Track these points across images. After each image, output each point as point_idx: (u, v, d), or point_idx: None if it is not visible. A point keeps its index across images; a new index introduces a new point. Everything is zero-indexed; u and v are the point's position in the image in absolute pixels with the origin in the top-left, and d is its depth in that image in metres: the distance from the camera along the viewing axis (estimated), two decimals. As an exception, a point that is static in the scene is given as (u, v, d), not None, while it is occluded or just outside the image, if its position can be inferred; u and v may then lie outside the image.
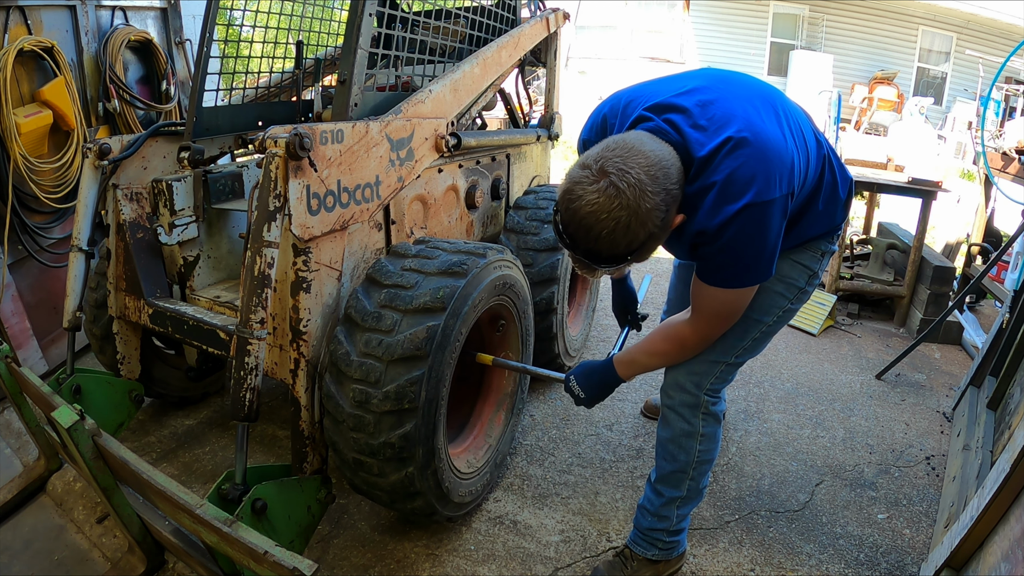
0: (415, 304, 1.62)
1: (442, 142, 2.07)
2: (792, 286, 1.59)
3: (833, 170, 1.51)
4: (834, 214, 1.56)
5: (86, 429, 1.36)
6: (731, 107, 1.31)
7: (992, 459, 1.90)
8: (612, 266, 1.28)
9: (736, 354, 1.61)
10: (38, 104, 2.58)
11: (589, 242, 1.24)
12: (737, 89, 1.38)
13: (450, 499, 1.81)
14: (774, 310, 1.60)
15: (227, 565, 1.36)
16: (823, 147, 1.49)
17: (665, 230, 1.27)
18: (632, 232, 1.20)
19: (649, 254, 1.33)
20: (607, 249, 1.23)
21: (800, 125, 1.41)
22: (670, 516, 1.71)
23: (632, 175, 1.18)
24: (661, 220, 1.23)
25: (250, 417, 1.44)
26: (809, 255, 1.59)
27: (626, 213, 1.18)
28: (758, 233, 1.30)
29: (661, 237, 1.29)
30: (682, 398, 1.62)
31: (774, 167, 1.26)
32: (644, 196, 1.18)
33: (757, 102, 1.35)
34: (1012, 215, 4.13)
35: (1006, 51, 7.78)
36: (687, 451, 1.65)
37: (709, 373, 1.60)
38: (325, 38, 2.93)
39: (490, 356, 2.02)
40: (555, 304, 2.51)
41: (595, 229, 1.21)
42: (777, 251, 1.36)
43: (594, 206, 1.19)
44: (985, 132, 4.18)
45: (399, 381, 1.56)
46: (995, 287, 3.71)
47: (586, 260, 1.28)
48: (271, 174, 1.47)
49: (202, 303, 2.10)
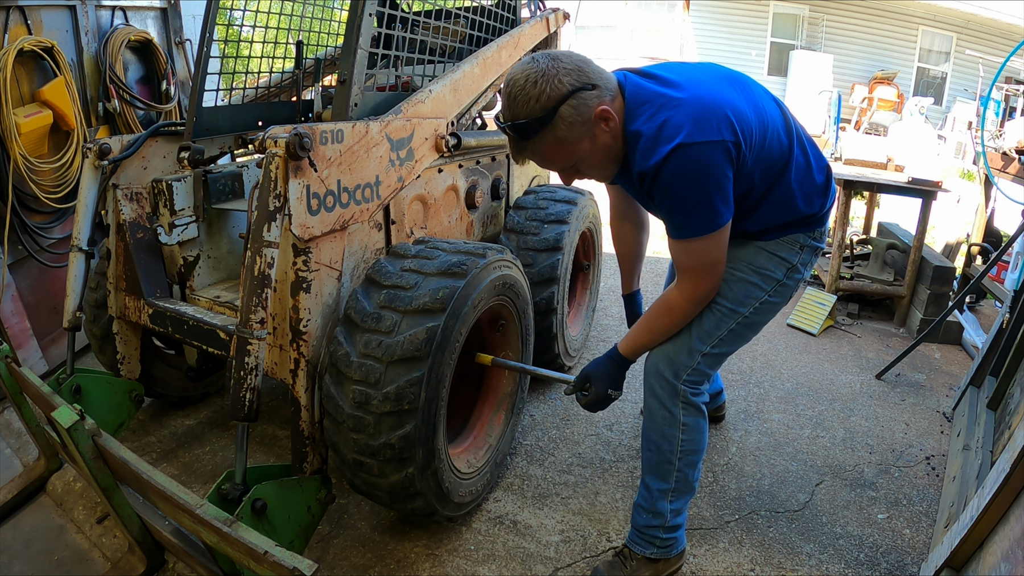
0: (415, 305, 1.62)
1: (442, 142, 2.07)
2: (768, 278, 1.61)
3: (805, 151, 1.56)
4: (811, 199, 1.57)
5: (86, 429, 1.36)
6: (681, 80, 1.44)
7: (992, 459, 1.90)
8: (531, 133, 1.36)
9: (712, 344, 1.62)
10: (38, 104, 2.58)
11: (511, 105, 1.37)
12: (697, 71, 1.51)
13: (450, 499, 1.81)
14: (750, 301, 1.61)
15: (227, 565, 1.36)
16: (792, 125, 1.54)
17: (582, 106, 1.35)
18: (539, 88, 1.33)
19: (570, 140, 1.39)
20: (523, 108, 1.35)
21: (759, 98, 1.49)
22: (663, 511, 1.71)
23: (551, 54, 1.38)
24: (572, 87, 1.34)
25: (250, 417, 1.44)
26: (786, 247, 1.61)
27: (535, 71, 1.34)
28: (696, 173, 1.35)
29: (579, 116, 1.36)
30: (661, 386, 1.65)
31: (709, 115, 1.35)
32: (555, 62, 1.35)
33: (708, 78, 1.47)
34: (1012, 215, 4.13)
35: (1006, 51, 7.78)
36: (670, 440, 1.66)
37: (687, 364, 1.62)
38: (325, 38, 2.93)
39: (489, 356, 2.02)
40: (555, 304, 2.51)
41: (512, 90, 1.37)
42: (727, 197, 1.41)
43: (513, 74, 1.39)
44: (985, 132, 4.18)
45: (399, 382, 1.56)
46: (995, 287, 3.71)
47: (511, 132, 1.39)
48: (271, 174, 1.47)
49: (202, 303, 2.10)
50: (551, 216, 2.58)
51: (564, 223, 2.56)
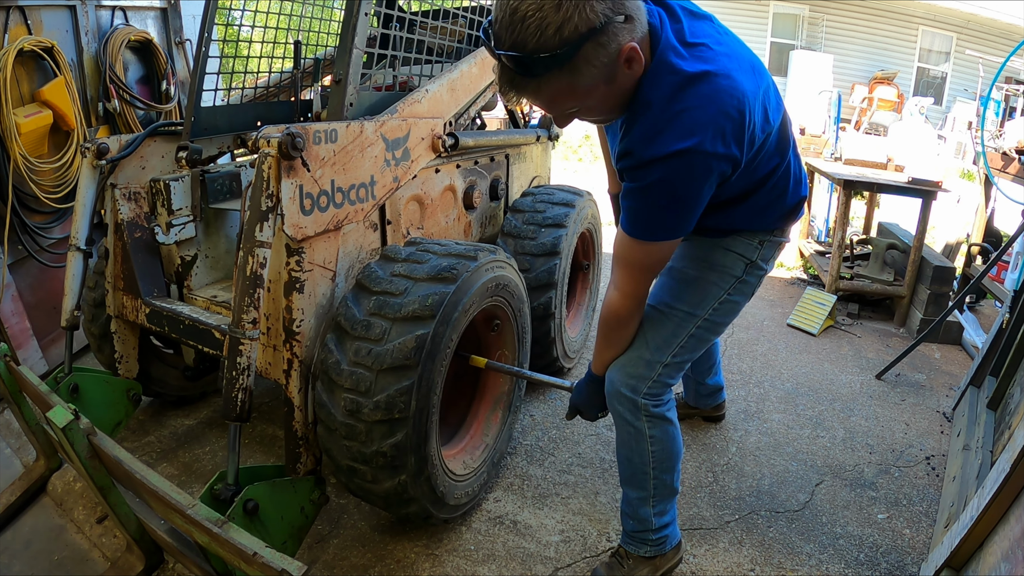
0: (404, 312, 1.60)
1: (439, 142, 2.06)
2: (726, 275, 1.52)
3: (788, 174, 1.46)
4: (772, 220, 1.50)
5: (81, 428, 1.36)
6: (723, 52, 1.22)
7: (992, 459, 1.90)
8: (538, 72, 1.03)
9: (672, 353, 1.53)
10: (38, 104, 2.58)
11: (514, 26, 1.01)
12: (743, 57, 1.29)
13: (445, 503, 1.81)
14: (708, 301, 1.52)
15: (220, 565, 1.36)
16: (790, 141, 1.44)
17: (610, 42, 1.05)
18: (564, 13, 0.98)
19: (585, 83, 1.09)
20: (533, 35, 1.00)
21: (774, 103, 1.35)
22: (646, 517, 1.68)
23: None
24: (604, 20, 1.02)
25: (242, 417, 1.44)
26: (743, 242, 1.52)
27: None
28: (684, 183, 1.18)
29: (604, 54, 1.06)
30: (620, 402, 1.57)
31: (733, 116, 1.16)
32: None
33: (748, 65, 1.27)
34: (1012, 215, 4.11)
35: (1006, 51, 7.75)
36: (640, 453, 1.61)
37: (646, 376, 1.53)
38: (324, 38, 2.93)
39: (483, 359, 2.01)
40: (553, 309, 2.50)
41: (521, 7, 1.00)
42: (700, 209, 1.25)
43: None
44: (985, 132, 4.17)
45: (389, 391, 1.55)
46: (995, 287, 3.70)
47: (510, 65, 1.04)
48: (264, 174, 1.47)
49: (199, 303, 2.10)
50: (548, 220, 2.54)
51: (562, 227, 2.54)
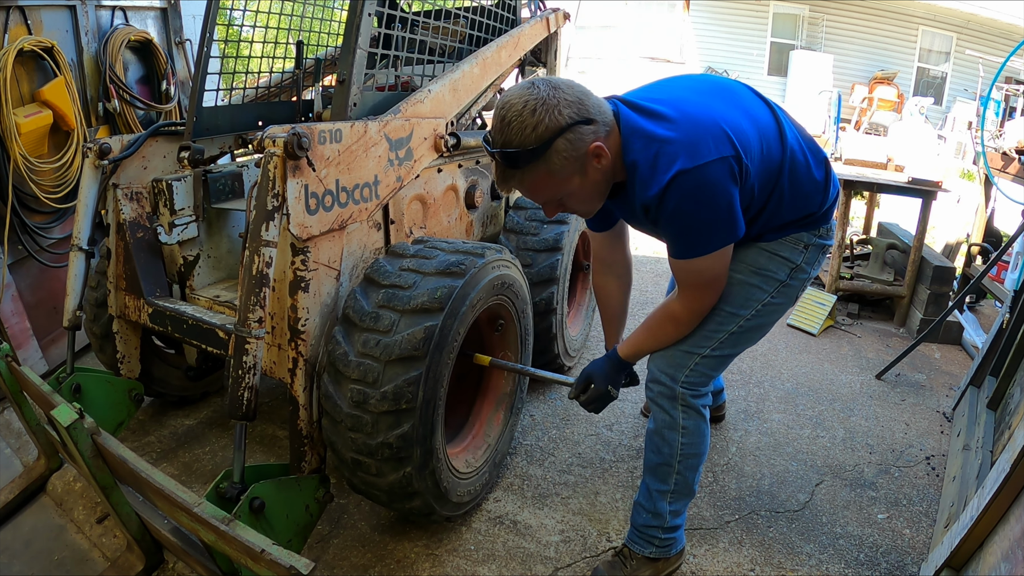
0: (413, 304, 1.62)
1: (441, 142, 2.07)
2: (770, 279, 1.58)
3: (802, 148, 1.52)
4: (810, 197, 1.54)
5: (85, 428, 1.36)
6: (670, 97, 1.42)
7: (992, 459, 1.90)
8: (523, 163, 1.31)
9: (711, 346, 1.60)
10: (38, 104, 2.58)
11: (502, 130, 1.31)
12: (682, 84, 1.51)
13: (448, 499, 1.81)
14: (751, 303, 1.59)
15: (225, 564, 1.36)
16: (784, 126, 1.49)
17: (577, 140, 1.31)
18: (537, 117, 1.27)
19: (561, 174, 1.34)
20: (516, 135, 1.29)
21: (749, 104, 1.46)
22: (662, 512, 1.71)
23: (551, 82, 1.32)
24: (570, 119, 1.29)
25: (248, 416, 1.44)
26: (788, 246, 1.58)
27: (534, 99, 1.28)
28: (699, 197, 1.33)
29: (573, 150, 1.31)
30: (659, 389, 1.65)
31: (702, 134, 1.32)
32: (555, 91, 1.29)
33: (695, 92, 1.46)
34: (1012, 215, 4.12)
35: (1006, 51, 7.77)
36: (670, 443, 1.66)
37: (684, 365, 1.61)
38: (325, 38, 2.94)
39: (487, 357, 2.02)
40: (555, 304, 2.51)
41: (507, 115, 1.30)
42: (733, 215, 1.37)
43: (510, 96, 1.32)
44: (985, 132, 4.18)
45: (397, 381, 1.56)
46: (995, 287, 3.71)
47: (501, 160, 1.33)
48: (269, 174, 1.47)
49: (202, 302, 2.11)
50: None
51: (564, 223, 2.56)
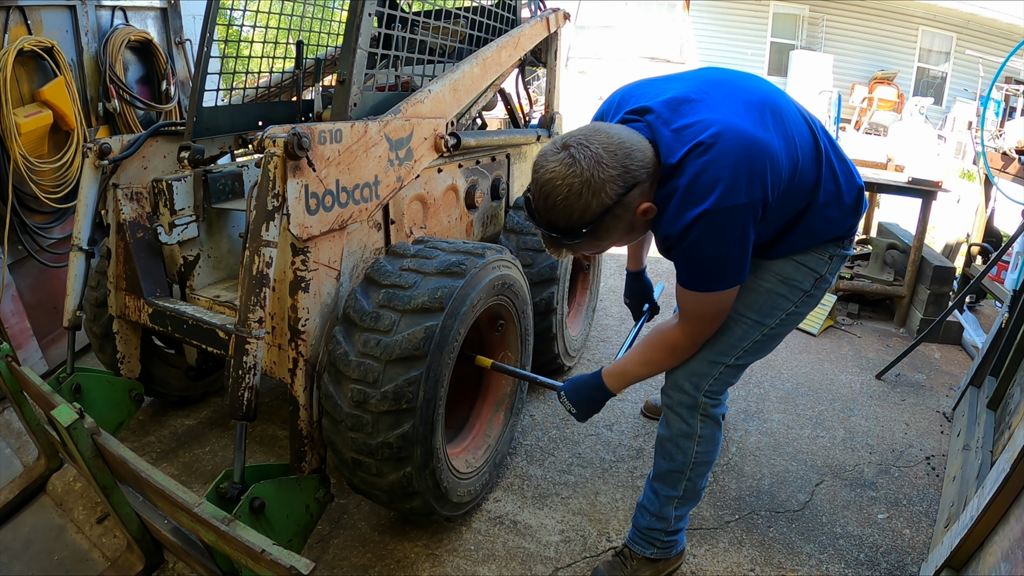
0: (413, 304, 1.62)
1: (441, 142, 2.07)
2: (796, 288, 1.57)
3: (835, 175, 1.48)
4: (837, 222, 1.52)
5: (85, 428, 1.36)
6: (711, 111, 1.32)
7: (992, 459, 1.90)
8: (571, 241, 1.31)
9: (736, 356, 1.59)
10: (38, 104, 2.58)
11: (548, 210, 1.29)
12: (725, 91, 1.38)
13: (448, 499, 1.81)
14: (777, 312, 1.58)
15: (225, 564, 1.36)
16: (822, 148, 1.45)
17: (625, 210, 1.30)
18: (584, 201, 1.25)
19: (610, 238, 1.35)
20: (563, 218, 1.27)
21: (790, 126, 1.39)
22: (668, 516, 1.71)
23: (591, 149, 1.25)
24: (617, 196, 1.26)
25: (248, 416, 1.44)
26: (815, 257, 1.56)
27: (579, 181, 1.24)
28: (719, 239, 1.31)
29: (622, 217, 1.31)
30: (680, 398, 1.62)
31: (742, 171, 1.27)
32: (599, 167, 1.24)
33: (740, 104, 1.34)
34: (1012, 215, 4.12)
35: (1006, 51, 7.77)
36: (684, 452, 1.65)
37: (708, 375, 1.59)
38: (325, 38, 2.93)
39: (489, 360, 2.02)
40: (555, 304, 2.51)
41: (551, 196, 1.27)
42: (746, 256, 1.36)
43: (552, 174, 1.26)
44: (985, 132, 4.18)
45: (397, 381, 1.56)
46: (995, 287, 3.71)
47: (547, 232, 1.32)
48: (269, 174, 1.47)
49: (202, 302, 2.10)
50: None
51: None
